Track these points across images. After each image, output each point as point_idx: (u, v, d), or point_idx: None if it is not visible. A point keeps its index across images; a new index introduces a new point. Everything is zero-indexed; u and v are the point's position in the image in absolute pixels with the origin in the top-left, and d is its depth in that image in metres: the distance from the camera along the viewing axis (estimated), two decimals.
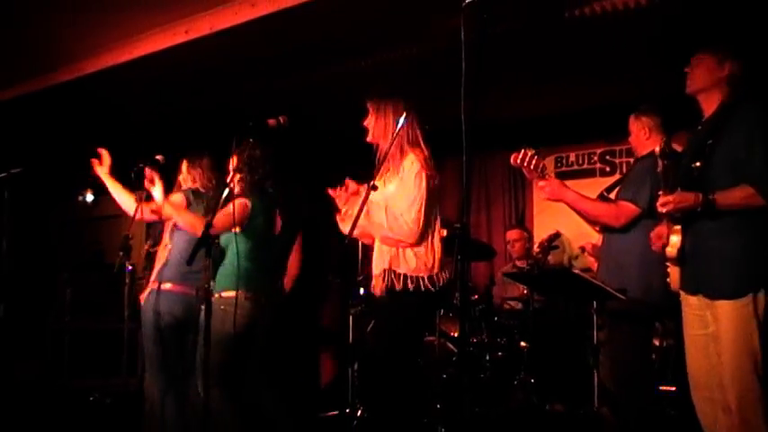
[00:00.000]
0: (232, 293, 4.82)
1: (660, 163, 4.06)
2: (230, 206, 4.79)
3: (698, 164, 3.96)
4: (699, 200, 3.85)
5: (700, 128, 4.15)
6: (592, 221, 5.31)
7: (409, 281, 4.36)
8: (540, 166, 4.89)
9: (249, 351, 5.00)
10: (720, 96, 4.08)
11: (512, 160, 4.92)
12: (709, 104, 4.12)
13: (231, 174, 4.83)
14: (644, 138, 5.10)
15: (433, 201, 4.42)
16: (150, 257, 5.72)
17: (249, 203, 4.94)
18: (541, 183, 4.99)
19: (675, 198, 3.91)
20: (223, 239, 4.94)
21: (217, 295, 4.83)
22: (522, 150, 4.89)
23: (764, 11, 5.65)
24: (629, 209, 4.91)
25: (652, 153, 4.88)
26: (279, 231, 5.16)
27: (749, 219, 3.87)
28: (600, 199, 5.24)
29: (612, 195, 5.27)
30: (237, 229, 4.87)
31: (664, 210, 3.98)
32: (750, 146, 3.85)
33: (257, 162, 5.01)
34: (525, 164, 4.86)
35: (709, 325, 4.00)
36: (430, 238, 4.42)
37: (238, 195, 4.94)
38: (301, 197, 5.41)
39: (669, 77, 4.34)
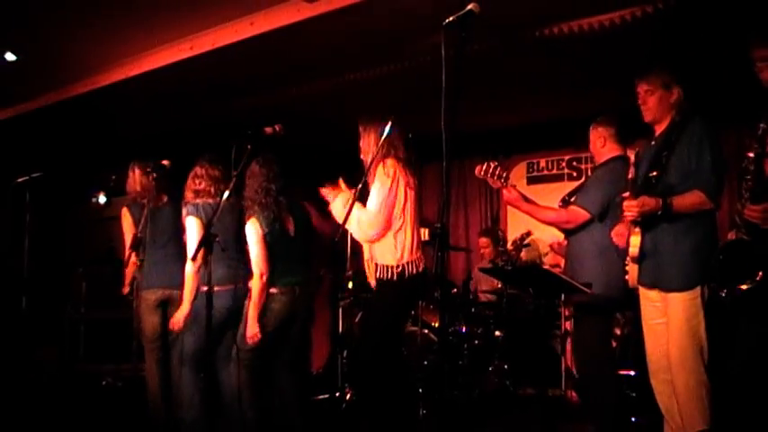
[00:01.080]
0: (271, 290, 4.97)
1: (632, 171, 4.11)
2: (255, 241, 4.92)
3: (655, 173, 4.04)
4: (659, 204, 3.91)
5: (653, 142, 4.22)
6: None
7: (385, 271, 4.43)
8: (504, 175, 4.92)
9: (284, 336, 5.05)
10: (671, 116, 4.16)
11: (476, 172, 4.97)
12: (662, 124, 4.20)
13: (232, 182, 4.78)
14: (600, 146, 5.10)
15: (401, 201, 4.46)
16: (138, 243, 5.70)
17: (258, 222, 4.95)
18: (505, 192, 5.00)
19: (639, 202, 3.96)
20: None
21: None
22: (486, 163, 4.94)
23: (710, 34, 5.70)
24: (579, 214, 4.90)
25: (607, 162, 5.01)
26: (294, 233, 5.14)
27: (699, 220, 3.98)
28: (562, 203, 5.25)
29: (573, 200, 5.28)
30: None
31: (628, 215, 4.01)
32: (699, 157, 3.94)
33: (265, 179, 5.03)
34: (489, 175, 4.89)
35: (663, 315, 4.07)
36: (399, 232, 4.46)
37: (250, 215, 4.97)
38: (299, 199, 5.38)
39: (629, 93, 4.35)
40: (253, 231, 4.93)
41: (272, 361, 5.02)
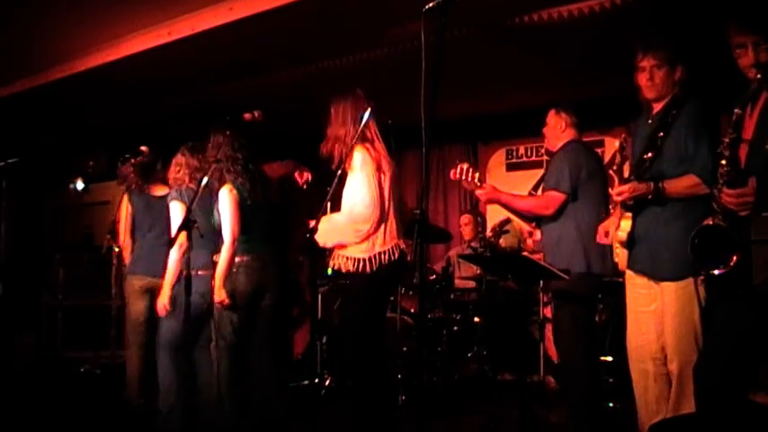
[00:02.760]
0: (240, 258, 4.89)
1: (618, 156, 4.10)
2: (229, 207, 4.85)
3: (649, 154, 3.98)
4: (650, 188, 3.88)
5: (650, 120, 4.14)
6: (528, 218, 5.30)
7: (351, 263, 4.36)
8: (476, 177, 4.99)
9: (258, 309, 5.00)
10: (670, 96, 4.08)
11: (451, 175, 5.02)
12: (659, 102, 4.12)
13: (210, 164, 4.76)
14: (560, 131, 5.14)
15: (382, 190, 4.38)
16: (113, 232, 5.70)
17: (234, 189, 4.90)
18: (478, 191, 5.01)
19: (630, 187, 3.93)
20: (217, 218, 4.96)
21: None
22: (458, 166, 5.00)
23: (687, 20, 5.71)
24: (555, 196, 4.88)
25: (564, 145, 5.08)
26: (263, 203, 5.10)
27: (692, 205, 3.86)
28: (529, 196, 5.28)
29: (540, 192, 5.31)
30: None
31: (619, 198, 4.00)
32: (696, 140, 3.87)
33: (230, 148, 4.96)
34: (463, 177, 4.92)
35: (651, 303, 4.05)
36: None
37: (223, 182, 4.91)
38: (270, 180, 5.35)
39: (603, 80, 4.34)
40: (226, 197, 4.88)
41: (249, 340, 4.98)
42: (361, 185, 4.31)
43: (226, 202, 4.88)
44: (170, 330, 5.11)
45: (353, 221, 4.31)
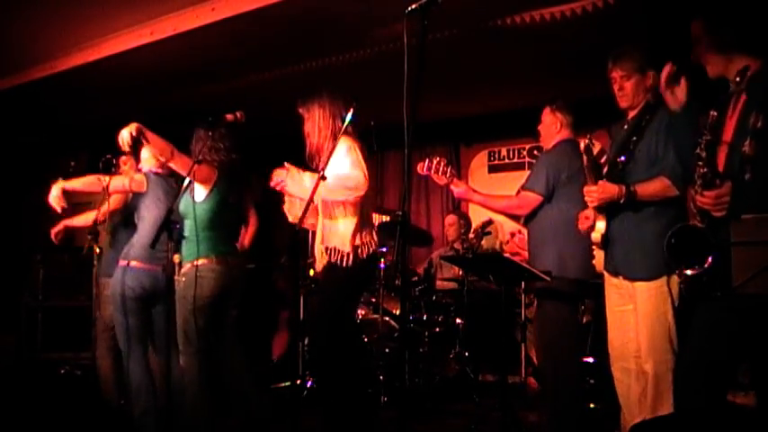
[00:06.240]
0: (204, 260, 4.73)
1: (584, 158, 4.10)
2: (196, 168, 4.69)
3: (623, 158, 4.04)
4: (622, 191, 3.93)
5: (625, 126, 4.20)
6: (515, 217, 5.29)
7: (335, 254, 4.40)
8: (449, 171, 4.88)
9: (225, 314, 4.91)
10: (644, 102, 4.15)
11: (419, 169, 4.91)
12: (636, 108, 4.18)
13: (192, 167, 4.70)
14: (554, 131, 5.05)
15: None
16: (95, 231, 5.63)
17: (216, 173, 4.81)
18: (453, 187, 4.94)
19: (599, 188, 3.96)
20: (182, 208, 4.80)
21: (189, 264, 4.74)
22: (427, 160, 4.90)
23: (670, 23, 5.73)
24: (529, 197, 4.87)
25: (556, 145, 5.01)
26: (233, 201, 5.04)
27: (664, 207, 3.96)
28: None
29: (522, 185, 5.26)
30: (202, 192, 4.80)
31: (589, 201, 4.02)
32: (666, 143, 3.92)
33: (222, 139, 4.89)
34: (433, 171, 4.86)
35: (628, 302, 4.09)
36: (347, 217, 4.44)
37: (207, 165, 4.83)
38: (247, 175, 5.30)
39: (589, 82, 4.36)
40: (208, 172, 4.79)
41: (218, 343, 4.90)
42: (354, 160, 4.33)
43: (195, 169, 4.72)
44: (118, 329, 5.11)
45: (346, 180, 4.30)
